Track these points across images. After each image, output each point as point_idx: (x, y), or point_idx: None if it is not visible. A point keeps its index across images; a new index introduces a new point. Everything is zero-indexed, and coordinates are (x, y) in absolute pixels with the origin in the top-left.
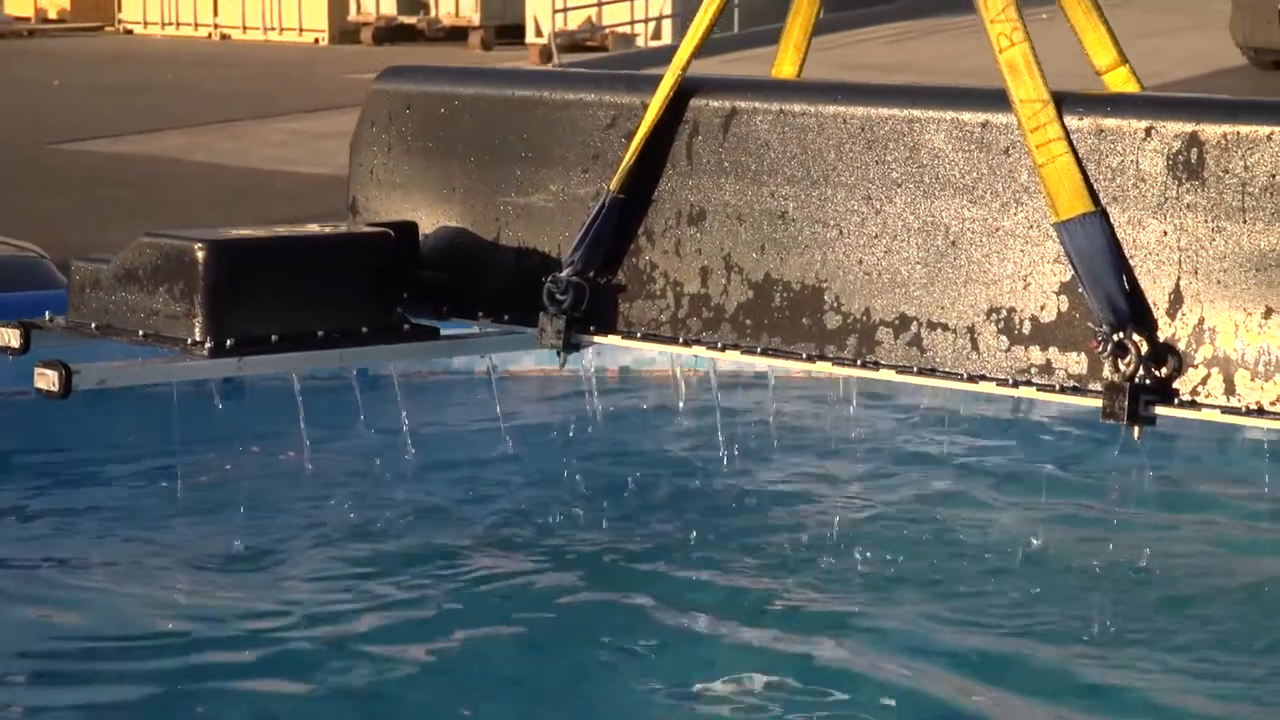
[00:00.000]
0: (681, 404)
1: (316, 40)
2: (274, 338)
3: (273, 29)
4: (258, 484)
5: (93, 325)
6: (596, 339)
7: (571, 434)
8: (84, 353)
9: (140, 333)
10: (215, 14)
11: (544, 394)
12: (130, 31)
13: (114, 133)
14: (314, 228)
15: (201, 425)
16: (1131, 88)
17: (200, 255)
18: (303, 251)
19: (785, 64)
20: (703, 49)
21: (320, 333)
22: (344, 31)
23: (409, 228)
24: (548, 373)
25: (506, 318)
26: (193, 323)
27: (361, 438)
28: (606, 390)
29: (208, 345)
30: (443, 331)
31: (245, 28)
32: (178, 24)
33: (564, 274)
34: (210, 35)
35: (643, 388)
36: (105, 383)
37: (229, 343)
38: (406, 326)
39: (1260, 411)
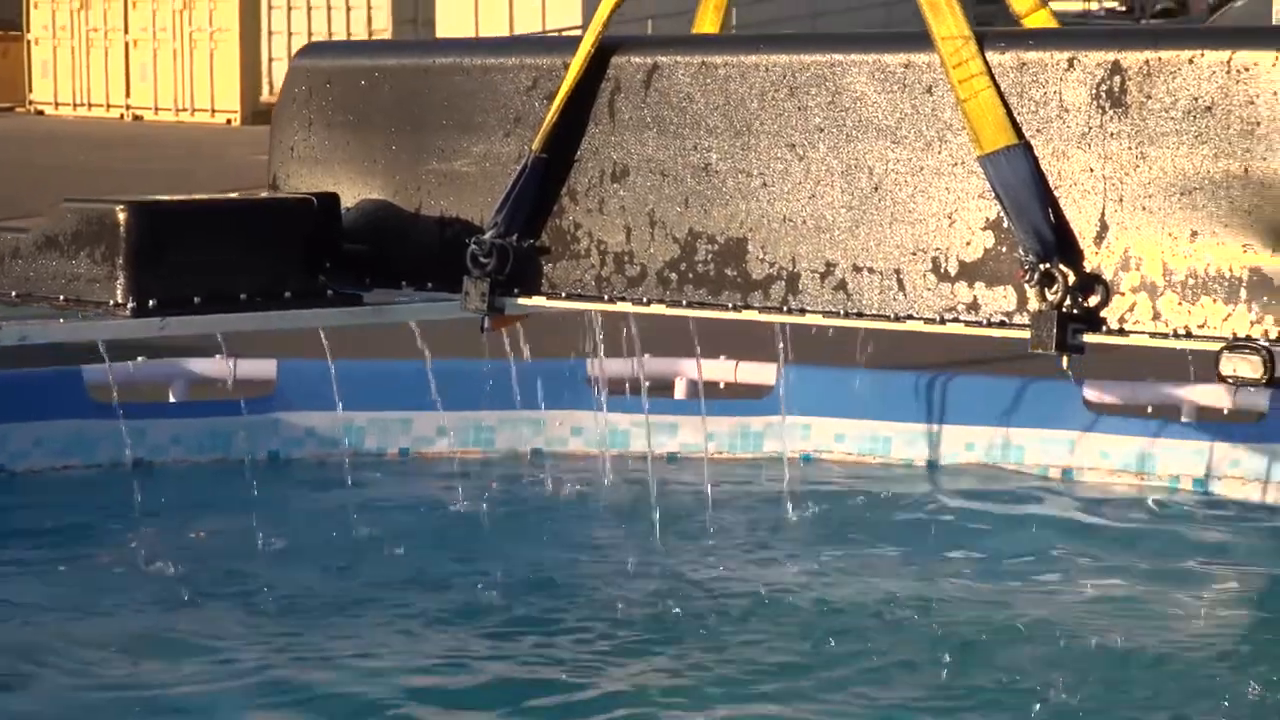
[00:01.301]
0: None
1: (229, 121)
2: (196, 300)
3: (185, 110)
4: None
5: (13, 294)
6: (521, 301)
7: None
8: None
9: (61, 298)
10: (127, 95)
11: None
12: (41, 112)
13: (25, 213)
14: (237, 195)
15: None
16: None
17: (122, 217)
18: (225, 215)
19: (705, 25)
20: (621, 6)
21: (243, 296)
22: (256, 112)
23: (331, 198)
24: (461, 454)
25: (430, 285)
26: (115, 285)
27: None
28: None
29: (130, 306)
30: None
31: (157, 109)
32: (89, 105)
33: (487, 236)
34: (122, 116)
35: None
36: (27, 339)
37: (151, 303)
38: (330, 293)
39: (1188, 334)
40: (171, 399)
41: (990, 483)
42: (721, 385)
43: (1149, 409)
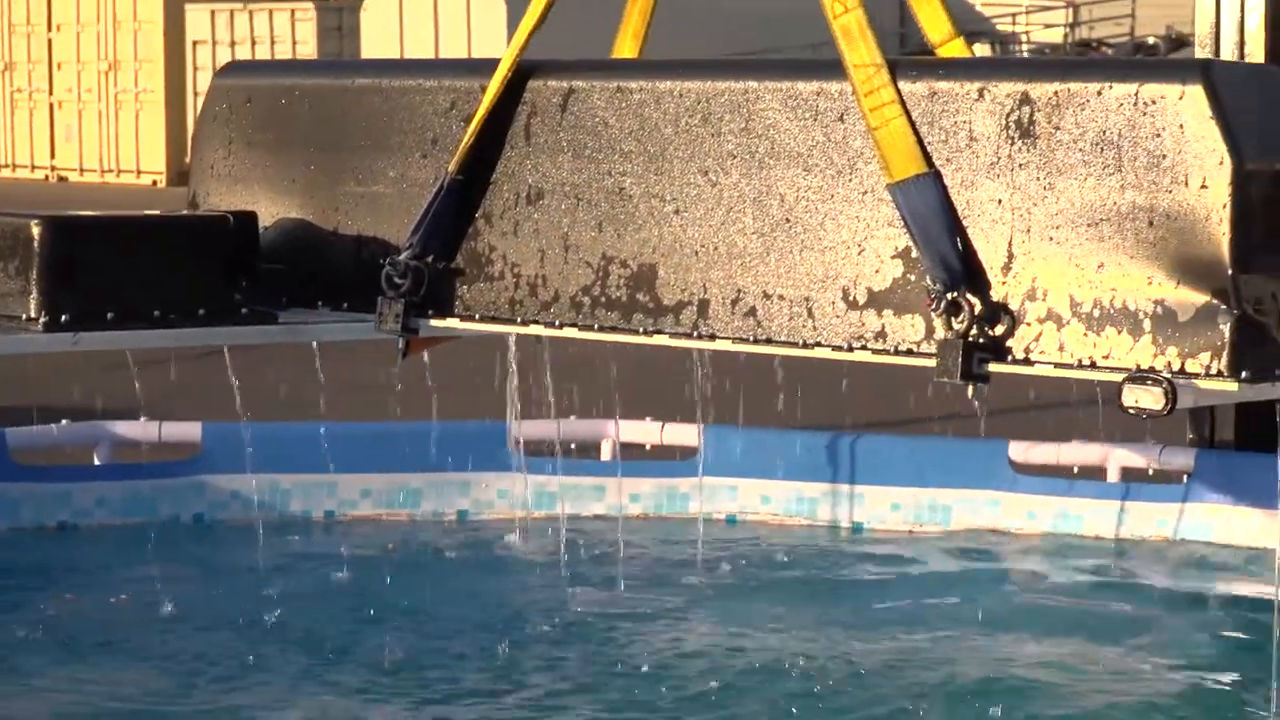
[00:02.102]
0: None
1: (155, 182)
2: (110, 316)
3: (110, 171)
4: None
5: None
6: (434, 322)
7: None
8: None
9: None
10: (52, 156)
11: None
12: None
13: None
14: (153, 212)
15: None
16: None
17: (36, 231)
18: (140, 232)
19: (624, 52)
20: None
21: (157, 313)
22: (182, 174)
23: (248, 216)
24: (387, 517)
25: (346, 305)
26: (28, 299)
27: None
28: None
29: (43, 320)
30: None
31: (83, 170)
32: (14, 166)
33: (403, 257)
34: (47, 178)
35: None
36: None
37: (64, 319)
38: (245, 311)
39: (1093, 365)
40: (96, 462)
41: (917, 543)
42: (647, 447)
43: (1074, 469)
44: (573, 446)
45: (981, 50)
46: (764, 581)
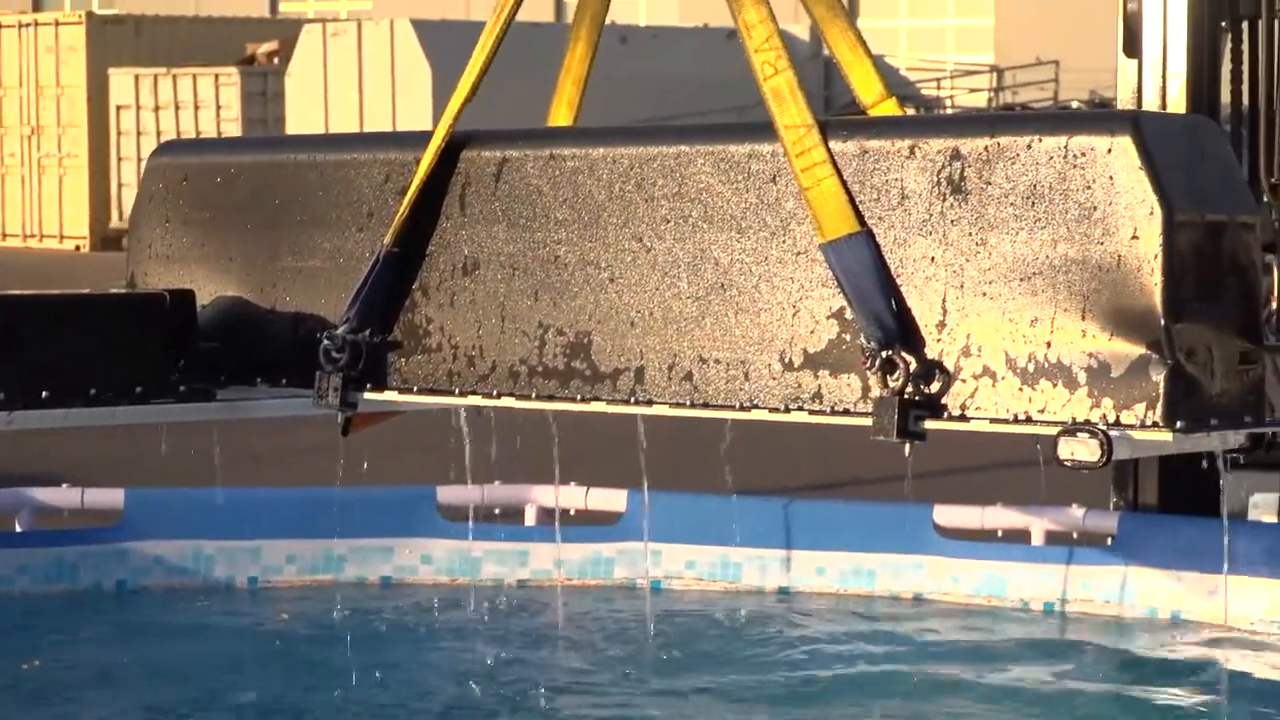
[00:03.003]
0: None
1: (78, 248)
2: (45, 394)
3: (33, 236)
4: None
5: None
6: (373, 396)
7: None
8: None
9: None
10: None
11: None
12: None
13: None
14: (89, 291)
15: None
16: None
17: None
18: (76, 310)
19: (559, 121)
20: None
21: (93, 391)
22: (105, 238)
23: (186, 294)
24: (311, 582)
25: (285, 382)
26: None
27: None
28: None
29: None
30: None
31: (5, 235)
32: None
33: (340, 332)
34: None
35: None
36: None
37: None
38: (182, 389)
39: (1028, 420)
40: (17, 528)
41: (841, 608)
42: (572, 512)
43: (999, 533)
44: (497, 512)
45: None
46: (690, 646)
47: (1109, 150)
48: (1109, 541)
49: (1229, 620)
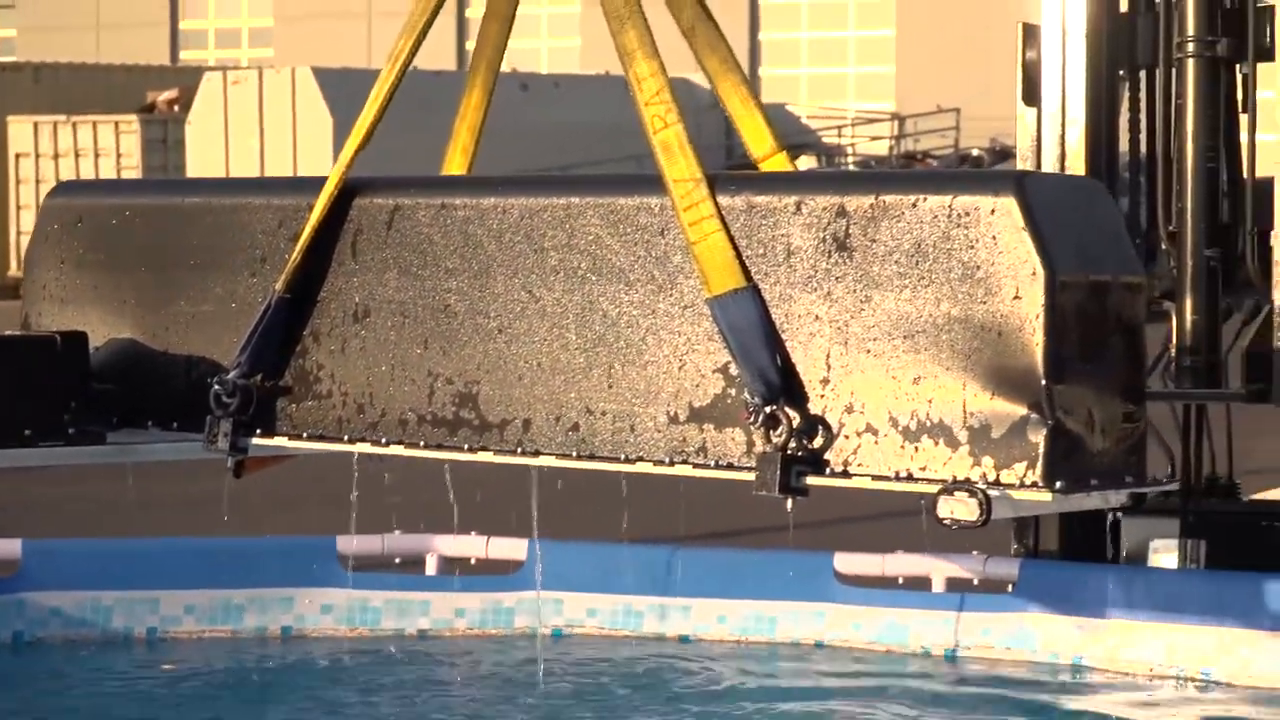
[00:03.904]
0: None
1: None
2: None
3: None
4: None
5: None
6: (263, 441)
7: None
8: None
9: None
10: None
11: None
12: None
13: None
14: None
15: None
16: None
17: None
18: None
19: (454, 167)
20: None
21: None
22: (3, 287)
23: (78, 336)
24: (210, 633)
25: (176, 425)
26: None
27: None
28: None
29: None
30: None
31: None
32: None
33: (231, 376)
34: None
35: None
36: None
37: None
38: (72, 431)
39: (910, 477)
40: None
41: (743, 656)
42: (473, 561)
43: (900, 580)
44: (398, 561)
45: (807, 163)
46: (591, 695)
47: (992, 210)
48: (1010, 588)
49: (1129, 667)
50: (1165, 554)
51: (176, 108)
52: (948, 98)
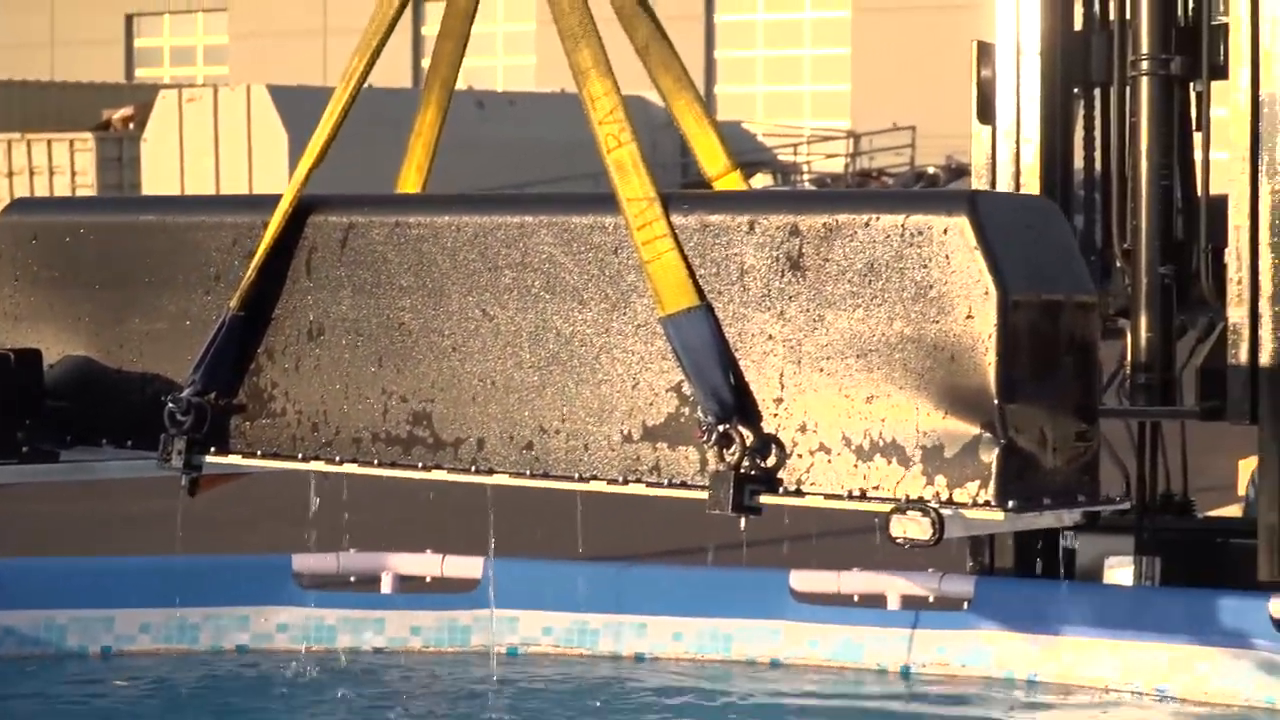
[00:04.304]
0: None
1: None
2: None
3: None
4: None
5: None
6: (217, 459)
7: None
8: None
9: None
10: None
11: None
12: None
13: None
14: None
15: None
16: None
17: None
18: None
19: (408, 185)
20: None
21: None
22: None
23: (32, 354)
24: (165, 651)
25: (130, 443)
26: None
27: None
28: None
29: None
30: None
31: None
32: None
33: (185, 394)
34: None
35: None
36: None
37: None
38: (26, 449)
39: (863, 496)
40: None
41: (699, 674)
42: (428, 579)
43: (855, 598)
44: (352, 579)
45: (763, 181)
46: (546, 713)
47: (945, 230)
48: (965, 605)
49: (1084, 683)
50: (1120, 571)
51: (132, 125)
52: (903, 116)
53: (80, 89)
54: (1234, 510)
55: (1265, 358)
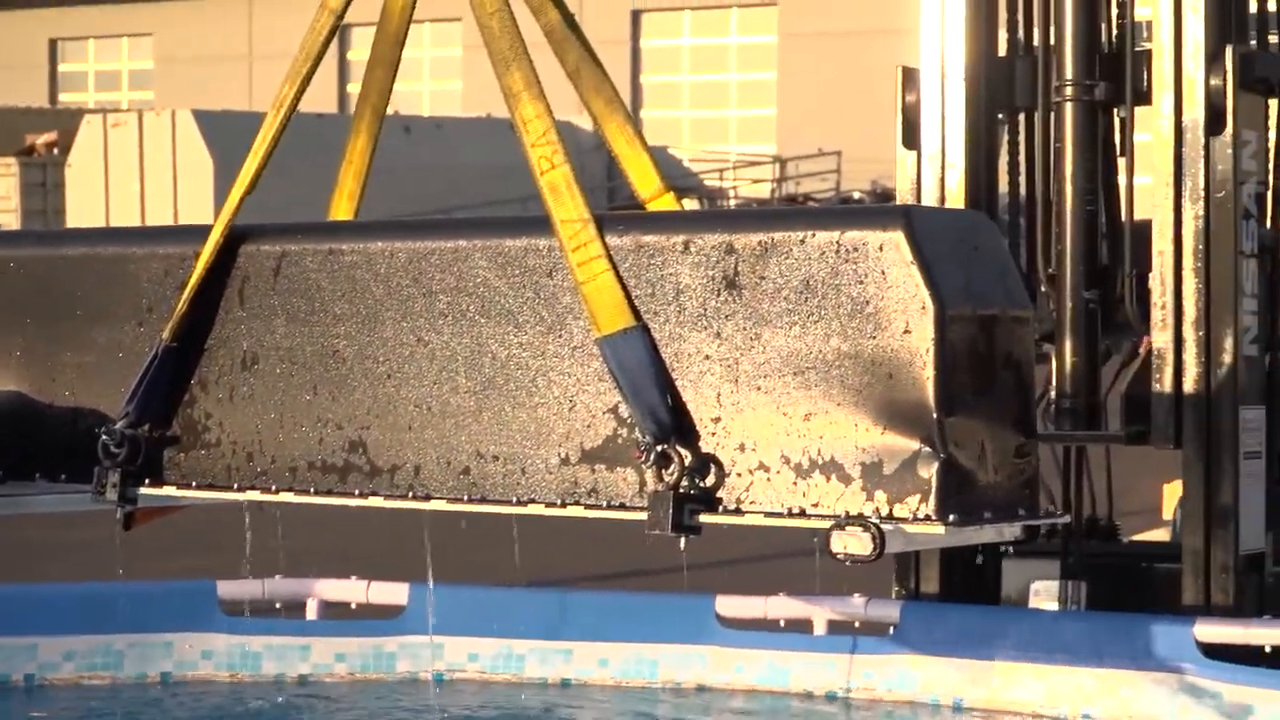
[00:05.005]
0: None
1: None
2: None
3: None
4: None
5: None
6: (152, 491)
7: None
8: None
9: None
10: None
11: None
12: None
13: None
14: None
15: None
16: None
17: None
18: None
19: (340, 212)
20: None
21: None
22: None
23: None
24: (89, 679)
25: (64, 477)
26: None
27: None
28: None
29: None
30: None
31: None
32: None
33: (119, 426)
34: None
35: None
36: None
37: None
38: None
39: (803, 514)
40: None
41: (625, 699)
42: (353, 605)
43: (781, 623)
44: (278, 605)
45: (689, 206)
46: None
47: (881, 246)
48: (891, 630)
49: (1010, 708)
50: (1046, 596)
51: (56, 150)
52: (829, 141)
53: (3, 113)
54: (1159, 534)
55: (1189, 382)
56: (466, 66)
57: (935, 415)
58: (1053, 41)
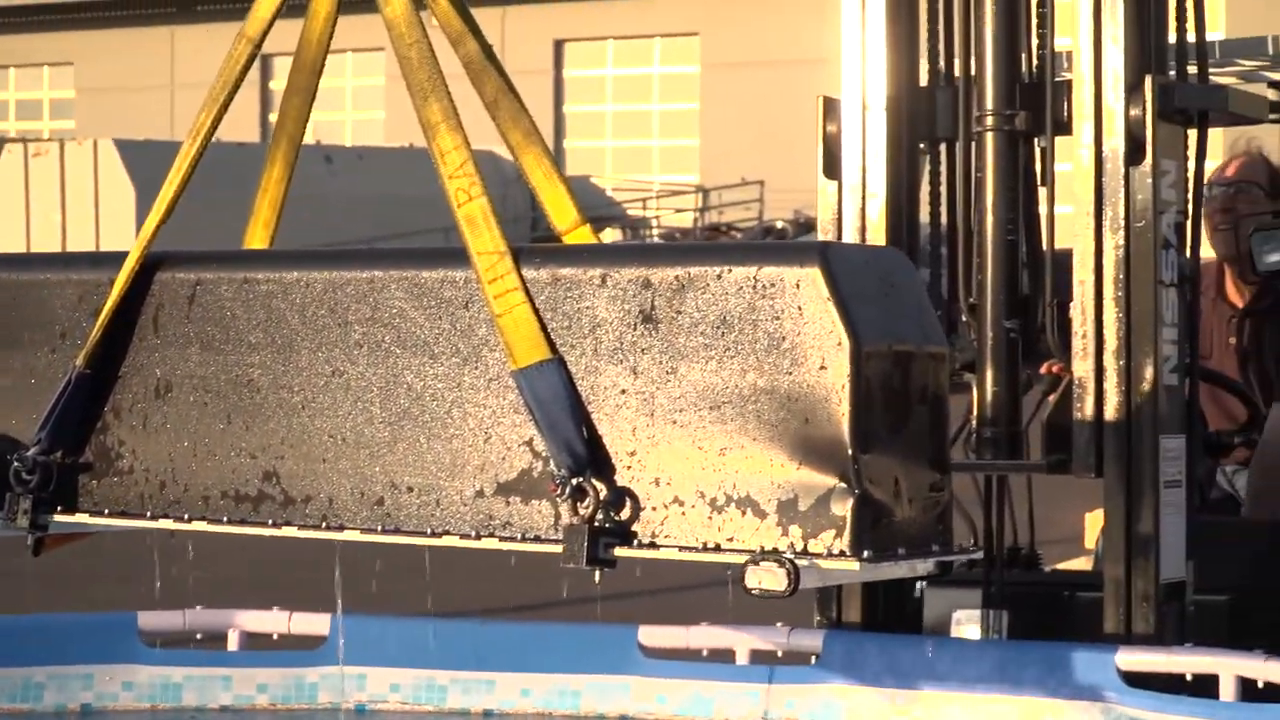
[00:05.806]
0: None
1: None
2: None
3: None
4: None
5: None
6: (63, 518)
7: None
8: None
9: None
10: None
11: None
12: None
13: None
14: None
15: None
16: None
17: None
18: None
19: (255, 241)
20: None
21: None
22: None
23: None
24: (8, 711)
25: None
26: None
27: None
28: None
29: None
30: None
31: None
32: None
33: (31, 453)
34: None
35: None
36: None
37: None
38: None
39: (718, 549)
40: None
41: None
42: (275, 636)
43: (704, 652)
44: (199, 636)
45: (612, 236)
46: None
47: (797, 282)
48: (814, 659)
49: None
50: (968, 625)
51: None
52: (752, 170)
53: None
54: (1081, 563)
55: (1110, 411)
56: (389, 96)
57: (850, 451)
58: (973, 72)
